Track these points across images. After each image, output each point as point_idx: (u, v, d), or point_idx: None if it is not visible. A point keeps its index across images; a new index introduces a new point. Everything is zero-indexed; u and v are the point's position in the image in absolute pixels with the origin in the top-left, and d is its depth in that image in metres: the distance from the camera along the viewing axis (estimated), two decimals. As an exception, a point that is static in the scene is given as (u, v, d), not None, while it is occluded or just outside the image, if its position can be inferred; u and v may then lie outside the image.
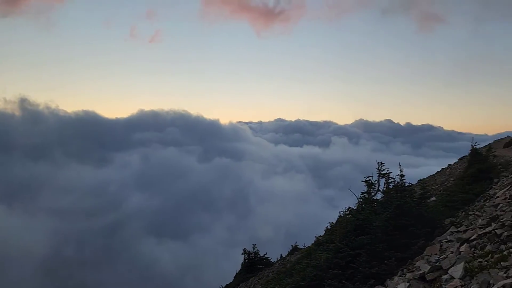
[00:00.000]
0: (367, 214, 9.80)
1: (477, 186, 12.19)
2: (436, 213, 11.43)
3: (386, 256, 8.60)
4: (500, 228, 6.82)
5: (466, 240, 7.44)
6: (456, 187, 13.13)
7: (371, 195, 10.77)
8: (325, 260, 8.79)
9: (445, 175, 20.29)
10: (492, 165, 12.88)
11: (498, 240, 6.58)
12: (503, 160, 15.07)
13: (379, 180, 10.85)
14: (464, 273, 6.15)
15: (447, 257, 7.30)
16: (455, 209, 11.85)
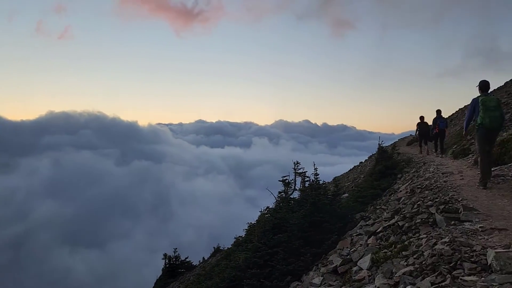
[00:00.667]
0: (284, 212, 10.04)
1: (384, 181, 13.11)
2: (348, 208, 12.09)
3: (302, 252, 8.86)
4: (402, 220, 7.37)
5: (373, 232, 7.93)
6: (366, 183, 14.01)
7: (288, 194, 11.07)
8: (244, 260, 8.83)
9: (356, 172, 21.62)
10: (396, 162, 13.98)
11: (400, 231, 7.10)
12: (405, 157, 16.41)
13: (295, 179, 11.19)
14: (371, 264, 6.54)
15: (357, 250, 7.73)
16: (365, 204, 12.63)
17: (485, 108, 7.63)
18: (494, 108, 7.61)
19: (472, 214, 5.90)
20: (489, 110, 7.60)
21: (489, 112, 7.60)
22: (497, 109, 7.63)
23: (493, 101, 7.71)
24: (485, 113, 7.62)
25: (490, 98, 7.76)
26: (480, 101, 7.75)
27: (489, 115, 7.60)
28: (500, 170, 8.56)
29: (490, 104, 7.64)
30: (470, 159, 11.34)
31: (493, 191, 7.21)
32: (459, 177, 8.73)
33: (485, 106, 7.63)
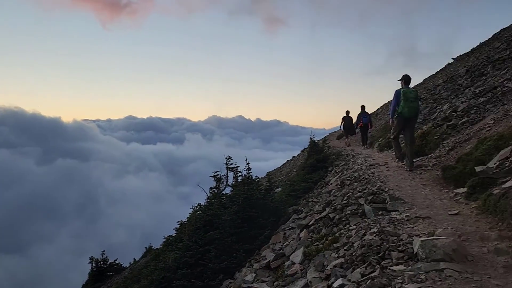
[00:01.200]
0: (216, 209, 9.76)
1: (315, 175, 13.32)
2: (281, 202, 12.11)
3: (234, 249, 8.65)
4: (333, 212, 7.42)
5: (305, 226, 7.93)
6: (298, 177, 14.15)
7: (220, 190, 10.80)
8: (173, 260, 8.42)
9: (289, 166, 21.91)
10: (327, 155, 14.28)
11: (332, 223, 7.14)
12: (336, 150, 16.86)
13: (227, 174, 10.95)
14: (303, 257, 6.48)
15: (289, 244, 7.68)
16: (297, 198, 12.73)
17: (405, 99, 8.49)
18: (413, 99, 8.51)
19: (398, 204, 6.04)
20: (409, 101, 8.48)
21: (408, 102, 8.48)
22: (415, 100, 8.55)
23: (413, 93, 8.61)
24: (405, 103, 8.49)
25: (410, 90, 8.67)
26: (402, 92, 8.60)
27: (408, 105, 8.49)
28: (422, 161, 8.98)
29: (410, 96, 8.52)
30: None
31: (415, 181, 7.50)
32: (385, 168, 9.03)
33: (406, 97, 8.49)
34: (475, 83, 13.10)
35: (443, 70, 25.19)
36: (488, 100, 9.84)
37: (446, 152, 8.82)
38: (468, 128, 9.40)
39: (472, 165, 6.54)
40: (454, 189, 6.56)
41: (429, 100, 15.31)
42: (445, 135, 9.76)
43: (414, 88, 27.11)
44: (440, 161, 8.39)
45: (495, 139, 6.76)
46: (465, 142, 8.66)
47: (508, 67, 11.42)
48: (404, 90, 8.65)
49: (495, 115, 8.95)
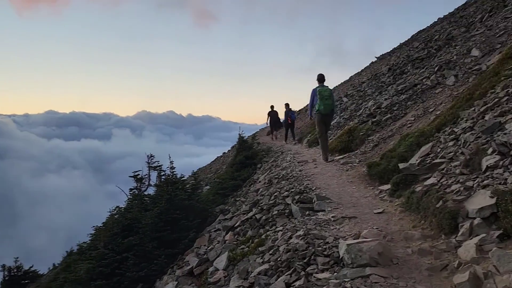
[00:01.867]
0: (136, 212, 9.02)
1: (244, 172, 12.98)
2: (209, 202, 11.62)
3: (156, 255, 8.03)
4: (259, 212, 7.09)
5: (231, 227, 7.53)
6: (226, 174, 13.73)
7: (142, 190, 10.05)
8: (86, 271, 7.59)
9: (219, 163, 21.43)
10: (256, 152, 14.01)
11: (258, 225, 6.80)
12: (265, 146, 16.70)
13: (150, 173, 10.22)
14: (228, 263, 6.07)
15: (214, 248, 7.23)
16: (225, 196, 12.30)
17: (321, 97, 9.00)
18: (328, 97, 9.03)
19: (324, 204, 5.84)
20: (324, 98, 8.98)
21: (324, 100, 8.98)
22: (329, 98, 9.07)
23: (327, 92, 9.10)
24: (321, 101, 9.00)
25: (325, 89, 9.12)
26: (317, 91, 9.07)
27: (324, 103, 8.99)
28: (348, 157, 8.99)
29: (324, 94, 9.01)
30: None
31: (342, 178, 7.41)
32: (313, 166, 8.91)
33: (321, 95, 9.00)
34: (397, 80, 13.58)
35: (367, 68, 26.19)
36: (409, 97, 10.15)
37: (371, 148, 8.90)
38: (391, 124, 9.59)
39: (396, 162, 6.55)
40: (379, 186, 6.52)
41: (355, 96, 15.68)
42: (370, 131, 9.89)
43: (340, 85, 28.13)
44: (366, 157, 8.42)
45: (417, 136, 6.84)
46: (389, 138, 8.79)
47: (426, 66, 11.93)
48: (319, 89, 9.10)
49: (416, 111, 9.20)
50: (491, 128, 4.97)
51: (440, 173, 5.03)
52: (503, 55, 7.75)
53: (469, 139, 5.25)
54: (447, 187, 4.61)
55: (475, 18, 14.31)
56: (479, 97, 6.45)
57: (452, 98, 8.33)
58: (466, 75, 9.06)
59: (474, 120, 5.72)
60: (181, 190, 10.33)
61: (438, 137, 6.24)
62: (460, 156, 5.10)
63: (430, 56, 13.63)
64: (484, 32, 11.17)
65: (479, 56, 9.46)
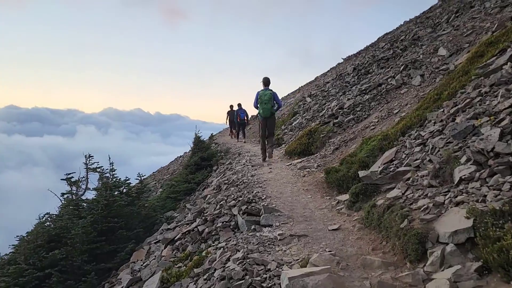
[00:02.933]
0: (66, 220, 7.89)
1: (199, 174, 12.03)
2: (157, 207, 10.60)
3: (85, 271, 6.96)
4: (203, 223, 6.18)
5: (171, 240, 6.56)
6: (180, 176, 12.73)
7: (79, 195, 8.91)
8: (-3, 292, 6.43)
9: (177, 163, 20.29)
10: (213, 153, 13.05)
11: (200, 238, 5.89)
12: (225, 147, 15.77)
13: (88, 176, 9.08)
14: (160, 285, 5.13)
15: (150, 264, 6.27)
16: (177, 201, 11.32)
17: (261, 101, 9.22)
18: (267, 101, 9.18)
19: (273, 217, 4.99)
20: (263, 103, 9.19)
21: (263, 105, 9.20)
22: (268, 102, 9.21)
23: (267, 96, 9.21)
24: (260, 105, 9.25)
25: (265, 93, 9.24)
26: (259, 95, 9.28)
27: (263, 107, 9.22)
28: (307, 161, 8.21)
29: (264, 98, 9.20)
30: (283, 149, 11.09)
31: (297, 185, 6.61)
32: (268, 170, 8.08)
33: (261, 99, 9.21)
34: (361, 80, 13.00)
35: (333, 68, 25.76)
36: (373, 97, 9.51)
37: (331, 151, 8.17)
38: (353, 126, 8.91)
39: (356, 168, 5.81)
40: (337, 196, 5.76)
41: (319, 97, 15.01)
42: (332, 133, 9.17)
43: (306, 85, 27.54)
44: (325, 161, 7.67)
45: (380, 139, 6.13)
46: (351, 141, 8.09)
47: (392, 66, 11.38)
48: (261, 93, 9.29)
49: (379, 113, 8.55)
50: (464, 132, 4.28)
51: (405, 184, 4.28)
52: (472, 53, 7.18)
53: (438, 144, 4.54)
54: (414, 201, 3.87)
55: (442, 19, 13.95)
56: (448, 97, 5.80)
57: (418, 99, 7.71)
58: (433, 75, 8.49)
59: (443, 123, 5.04)
60: (126, 194, 9.29)
61: (403, 142, 5.53)
62: (428, 164, 4.38)
63: (396, 56, 13.13)
64: (451, 32, 10.71)
65: (446, 55, 8.93)
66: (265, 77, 9.43)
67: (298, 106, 15.80)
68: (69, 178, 8.58)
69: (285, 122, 15.30)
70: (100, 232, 7.70)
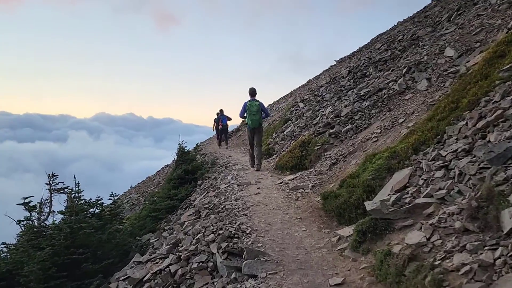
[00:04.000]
0: (21, 253, 6.77)
1: (182, 190, 10.91)
2: (134, 228, 9.51)
3: (40, 316, 5.86)
4: (176, 262, 5.11)
5: (139, 281, 5.49)
6: (163, 191, 11.62)
7: (41, 220, 7.80)
8: None
9: (163, 174, 19.14)
10: (198, 165, 11.93)
11: (171, 282, 4.83)
12: (213, 157, 14.71)
13: (51, 197, 7.97)
14: None
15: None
16: (158, 220, 10.22)
17: (249, 112, 9.31)
18: (255, 113, 9.30)
19: (258, 265, 3.94)
20: (252, 114, 9.30)
21: (251, 116, 9.31)
22: (257, 113, 9.33)
23: (255, 107, 9.32)
24: (249, 116, 9.36)
25: (253, 104, 9.34)
26: (247, 106, 9.35)
27: (251, 118, 9.32)
28: (300, 179, 7.18)
29: (252, 110, 9.30)
30: (273, 162, 10.05)
31: (289, 212, 5.57)
32: (256, 190, 7.02)
33: (249, 110, 9.30)
34: (358, 84, 12.02)
35: (326, 71, 24.75)
36: (373, 104, 8.51)
37: (328, 167, 7.14)
38: (352, 137, 7.89)
39: (360, 193, 4.79)
40: (338, 228, 4.73)
41: (312, 102, 14.00)
42: (327, 144, 8.14)
43: (297, 89, 26.49)
44: (321, 180, 6.64)
45: (387, 157, 5.11)
46: (350, 155, 7.07)
47: (392, 68, 10.40)
48: (249, 104, 9.35)
49: (382, 122, 7.54)
50: (504, 156, 3.28)
51: (430, 226, 3.26)
52: (489, 53, 6.21)
53: (468, 170, 3.54)
54: (446, 254, 2.84)
55: (442, 17, 13.03)
56: (468, 106, 4.81)
57: (426, 106, 6.72)
58: (441, 78, 7.51)
59: (469, 140, 4.04)
60: (96, 217, 8.19)
61: (417, 162, 4.52)
62: (457, 197, 3.37)
63: (395, 57, 12.18)
64: (456, 31, 9.77)
65: (454, 56, 7.96)
66: (252, 88, 9.54)
67: (290, 112, 14.77)
68: (27, 202, 7.45)
69: (276, 129, 14.26)
70: (62, 267, 6.61)
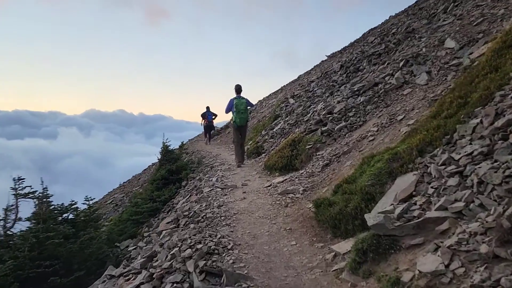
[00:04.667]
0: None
1: (166, 191, 10.25)
2: (113, 233, 8.83)
3: None
4: (148, 281, 4.47)
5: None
6: (146, 193, 10.94)
7: (7, 228, 7.09)
8: None
9: (149, 173, 18.38)
10: (183, 165, 11.24)
11: (143, 305, 4.19)
12: (199, 155, 14.04)
13: (18, 204, 7.26)
14: None
15: None
16: (139, 224, 9.56)
17: (237, 110, 9.39)
18: (243, 111, 9.47)
19: (238, 292, 3.33)
20: (240, 112, 9.41)
21: (239, 114, 9.41)
22: (245, 112, 9.54)
23: (243, 105, 9.46)
24: (236, 114, 9.42)
25: (241, 102, 9.47)
26: (234, 103, 9.42)
27: (239, 116, 9.43)
28: (290, 181, 6.56)
29: (240, 108, 9.41)
30: (262, 161, 9.43)
31: (278, 221, 4.95)
32: (241, 195, 6.39)
33: (237, 108, 9.39)
34: (351, 79, 11.43)
35: (317, 66, 24.13)
36: (369, 99, 7.92)
37: (320, 168, 6.53)
38: (346, 135, 7.28)
39: (358, 201, 4.19)
40: (332, 241, 4.13)
41: (303, 97, 13.38)
42: (320, 143, 7.53)
43: (288, 84, 25.79)
44: (313, 183, 6.03)
45: (387, 159, 4.51)
46: (344, 155, 6.47)
47: (388, 61, 9.82)
48: (236, 101, 9.45)
49: (378, 119, 6.95)
50: (536, 162, 2.68)
51: (448, 249, 2.66)
52: (497, 43, 5.63)
53: (490, 178, 2.94)
54: (472, 291, 2.25)
55: (437, 9, 12.46)
56: (480, 102, 4.21)
57: (427, 102, 6.13)
58: (443, 72, 6.93)
59: (486, 141, 3.44)
60: (70, 223, 7.51)
61: (423, 165, 3.92)
62: (479, 212, 2.78)
63: (389, 50, 11.60)
64: (455, 22, 9.20)
65: (456, 48, 7.38)
66: (237, 85, 9.61)
67: (280, 109, 14.13)
68: (-12, 209, 6.75)
69: (265, 126, 13.62)
70: (26, 282, 5.94)
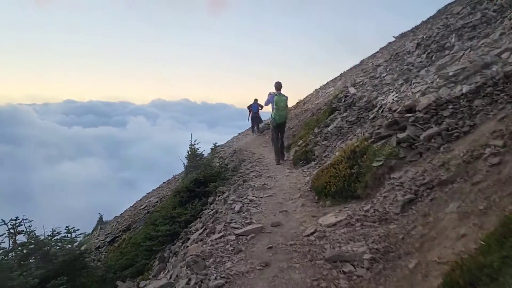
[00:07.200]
0: None
1: (190, 208, 8.12)
2: (108, 277, 6.91)
3: None
4: None
5: None
6: (165, 210, 8.85)
7: None
8: None
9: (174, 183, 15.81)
10: (213, 173, 8.91)
11: None
12: (241, 157, 11.84)
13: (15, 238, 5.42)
14: None
15: None
16: (153, 253, 7.55)
17: (277, 108, 9.40)
18: (283, 108, 9.53)
19: None
20: (280, 109, 9.44)
21: (279, 111, 9.44)
22: (285, 109, 9.66)
23: (283, 102, 9.50)
24: (277, 111, 9.42)
25: (282, 99, 9.46)
26: (275, 100, 9.39)
27: (279, 113, 9.47)
28: (348, 226, 4.02)
29: (281, 105, 9.45)
30: (310, 174, 6.96)
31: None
32: (264, 255, 3.98)
33: (278, 106, 9.40)
34: (435, 60, 8.49)
35: (384, 49, 20.57)
36: (477, 90, 4.97)
37: (399, 208, 3.96)
38: (442, 148, 4.56)
39: None
40: None
41: (367, 86, 10.57)
42: (395, 159, 4.87)
43: (350, 70, 22.35)
44: (388, 237, 3.49)
45: None
46: (440, 186, 3.84)
47: (495, 32, 6.82)
48: (277, 98, 9.35)
49: (500, 123, 4.17)
50: None
51: None
52: None
53: None
54: None
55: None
56: None
57: None
58: None
59: None
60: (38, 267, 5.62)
61: None
62: None
63: (489, 20, 8.53)
64: None
65: None
66: (277, 82, 9.48)
67: (338, 100, 11.39)
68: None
69: (319, 122, 11.00)
70: None
